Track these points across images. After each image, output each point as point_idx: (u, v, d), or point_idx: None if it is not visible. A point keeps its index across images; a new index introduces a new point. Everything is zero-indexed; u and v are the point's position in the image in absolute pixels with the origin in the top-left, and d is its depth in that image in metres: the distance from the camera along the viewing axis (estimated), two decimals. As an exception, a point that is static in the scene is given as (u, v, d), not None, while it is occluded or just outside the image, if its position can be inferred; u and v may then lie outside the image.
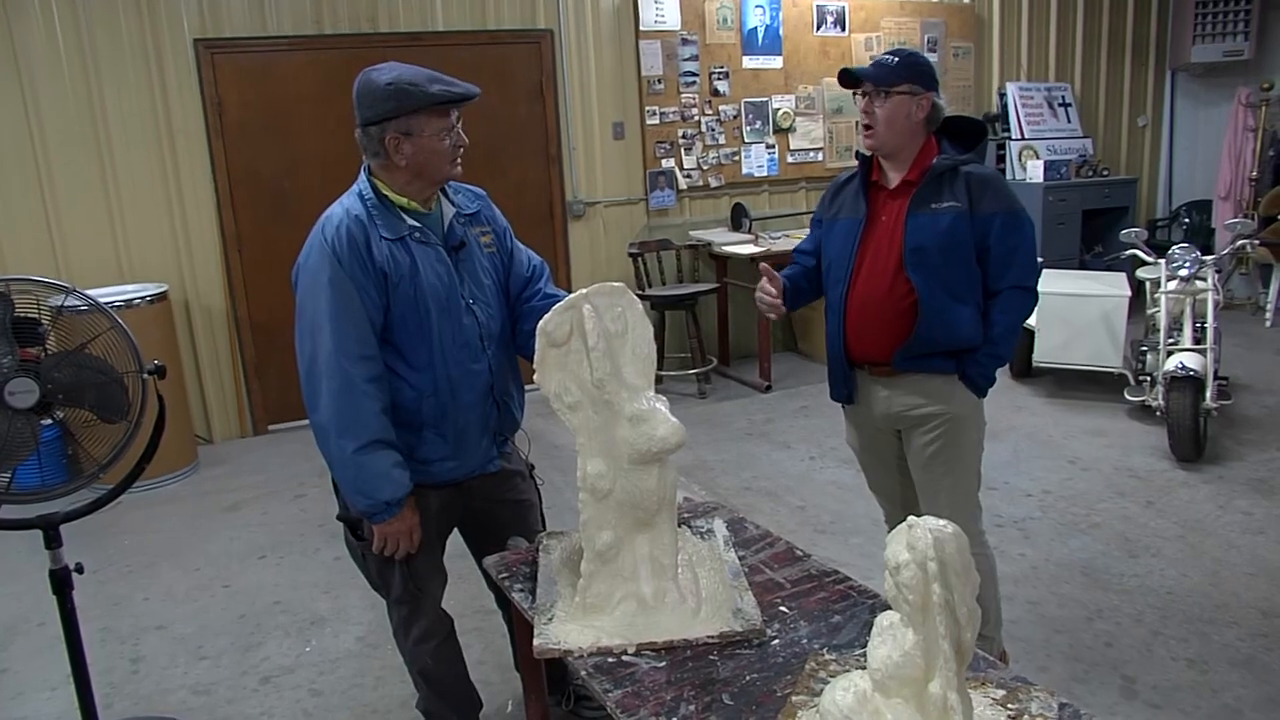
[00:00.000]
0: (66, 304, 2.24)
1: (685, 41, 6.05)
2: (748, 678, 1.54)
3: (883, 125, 2.34)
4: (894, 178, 2.42)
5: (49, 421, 2.22)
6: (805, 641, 1.64)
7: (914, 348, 2.37)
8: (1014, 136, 7.03)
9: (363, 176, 2.12)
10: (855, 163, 2.51)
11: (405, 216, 2.09)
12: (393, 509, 2.06)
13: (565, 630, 1.69)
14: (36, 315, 2.20)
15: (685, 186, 6.24)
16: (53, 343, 2.22)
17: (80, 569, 2.31)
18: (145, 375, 2.29)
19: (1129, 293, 4.99)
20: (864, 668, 1.34)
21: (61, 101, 4.75)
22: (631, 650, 1.64)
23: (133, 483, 2.35)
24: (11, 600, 3.52)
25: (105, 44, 4.79)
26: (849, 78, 2.41)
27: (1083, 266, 6.64)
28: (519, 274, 2.31)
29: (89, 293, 2.32)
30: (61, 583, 2.30)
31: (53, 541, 2.26)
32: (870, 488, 2.77)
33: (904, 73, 2.32)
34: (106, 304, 2.34)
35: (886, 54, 2.38)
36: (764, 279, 2.47)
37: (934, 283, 2.32)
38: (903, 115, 2.33)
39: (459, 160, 2.11)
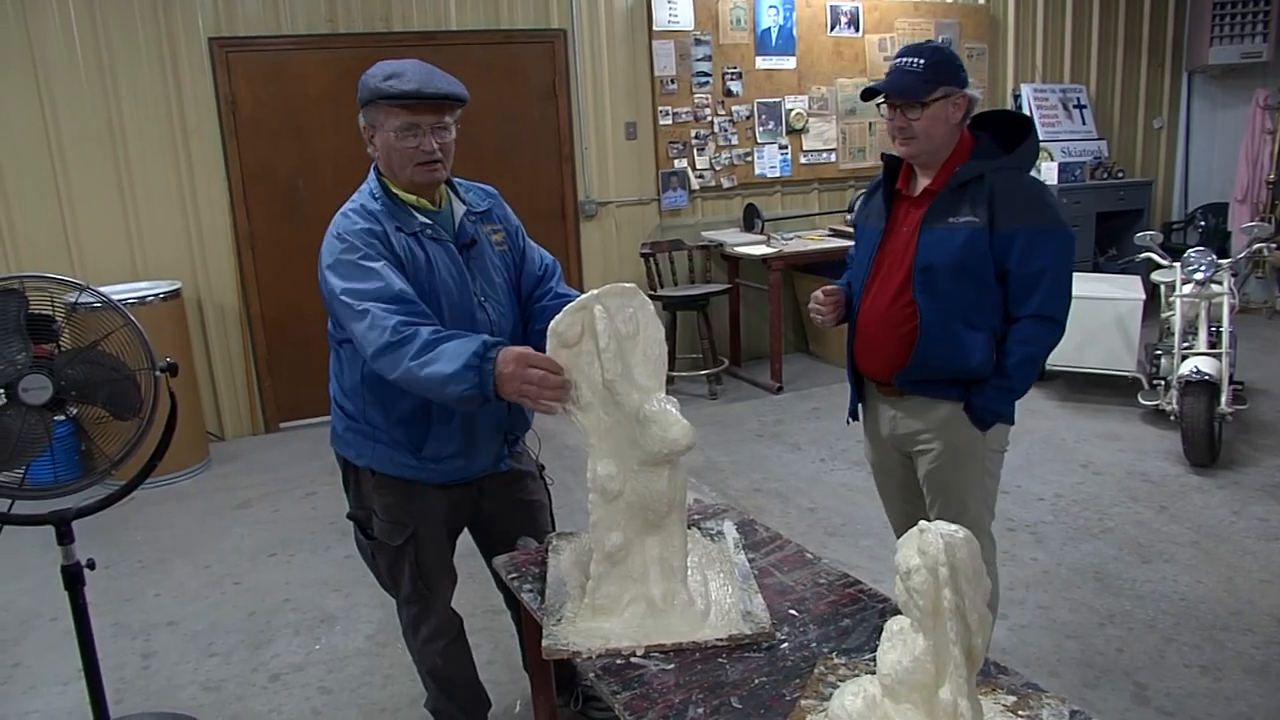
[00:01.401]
0: (80, 301, 2.25)
1: (698, 42, 6.04)
2: (756, 681, 1.53)
3: (923, 138, 2.15)
4: (921, 183, 2.25)
5: (62, 418, 2.23)
6: (814, 645, 1.63)
7: (912, 373, 2.25)
8: (1028, 138, 6.99)
9: (372, 176, 2.12)
10: (872, 164, 2.42)
11: (415, 214, 2.08)
12: (486, 364, 1.78)
13: (574, 631, 1.69)
14: (50, 312, 2.21)
15: (698, 187, 6.23)
16: (66, 340, 2.23)
17: (92, 565, 2.33)
18: (158, 372, 2.30)
19: (1143, 296, 4.95)
20: (873, 672, 1.34)
21: (77, 100, 4.78)
22: (640, 652, 1.63)
23: (145, 479, 2.36)
24: (24, 595, 3.54)
25: (120, 42, 4.82)
26: (873, 94, 2.21)
27: (1097, 269, 6.60)
28: (531, 273, 2.29)
29: (103, 290, 2.33)
30: (73, 578, 2.31)
31: (65, 537, 2.27)
32: (881, 498, 2.73)
33: (935, 75, 2.10)
34: (120, 301, 2.35)
35: (907, 55, 2.14)
36: (820, 291, 2.37)
37: (941, 306, 2.17)
38: (941, 121, 2.14)
39: (434, 168, 2.04)
